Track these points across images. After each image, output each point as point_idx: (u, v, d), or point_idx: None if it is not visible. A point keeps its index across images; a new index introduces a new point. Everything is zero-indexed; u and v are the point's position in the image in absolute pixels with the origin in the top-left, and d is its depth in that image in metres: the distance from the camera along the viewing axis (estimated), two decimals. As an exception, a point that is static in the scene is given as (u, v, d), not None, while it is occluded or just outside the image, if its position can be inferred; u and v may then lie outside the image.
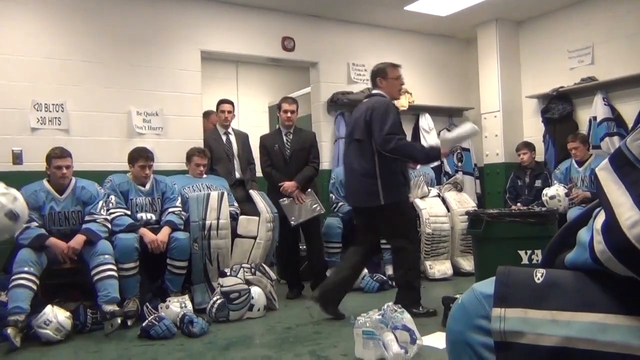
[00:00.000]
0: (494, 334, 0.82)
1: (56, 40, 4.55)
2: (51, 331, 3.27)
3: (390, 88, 3.78)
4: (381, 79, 3.78)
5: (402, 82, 3.90)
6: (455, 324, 0.91)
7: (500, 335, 0.81)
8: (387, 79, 3.78)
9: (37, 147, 4.15)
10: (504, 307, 0.83)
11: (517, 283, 0.85)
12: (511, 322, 0.81)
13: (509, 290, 0.84)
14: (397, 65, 3.88)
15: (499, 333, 0.82)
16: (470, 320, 0.87)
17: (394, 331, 2.73)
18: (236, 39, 5.42)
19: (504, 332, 0.81)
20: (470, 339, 0.87)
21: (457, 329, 0.90)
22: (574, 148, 5.07)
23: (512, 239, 3.17)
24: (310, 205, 4.52)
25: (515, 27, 6.37)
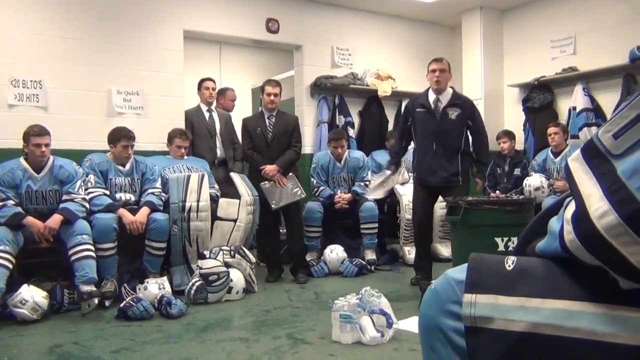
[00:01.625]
0: (464, 319, 0.84)
1: (36, 16, 4.44)
2: (27, 310, 3.25)
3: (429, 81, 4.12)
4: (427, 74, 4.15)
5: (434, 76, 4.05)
6: (427, 308, 0.93)
7: (471, 321, 0.83)
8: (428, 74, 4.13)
9: (14, 124, 4.07)
10: (475, 293, 0.84)
11: (488, 269, 0.87)
12: (481, 307, 0.83)
13: (480, 276, 0.86)
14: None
15: (469, 318, 0.83)
16: (442, 305, 0.89)
17: (371, 315, 2.77)
18: (220, 19, 5.35)
19: (474, 317, 0.83)
20: (441, 324, 0.88)
21: (430, 313, 0.91)
22: (554, 133, 5.12)
23: (490, 226, 3.20)
24: (291, 189, 4.52)
25: (499, 15, 6.39)
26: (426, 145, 4.02)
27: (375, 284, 3.60)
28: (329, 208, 4.93)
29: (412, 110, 4.13)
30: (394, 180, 5.29)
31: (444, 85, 4.03)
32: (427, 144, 4.00)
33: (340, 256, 4.73)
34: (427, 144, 4.00)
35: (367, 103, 6.15)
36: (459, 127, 4.00)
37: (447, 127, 3.96)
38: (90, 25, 4.66)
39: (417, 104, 4.10)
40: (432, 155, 3.98)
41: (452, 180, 3.98)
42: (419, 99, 4.13)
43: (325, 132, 5.67)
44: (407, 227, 5.08)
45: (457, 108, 3.99)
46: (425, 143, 4.03)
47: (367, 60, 6.15)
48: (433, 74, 4.00)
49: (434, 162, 3.98)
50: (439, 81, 3.99)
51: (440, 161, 3.96)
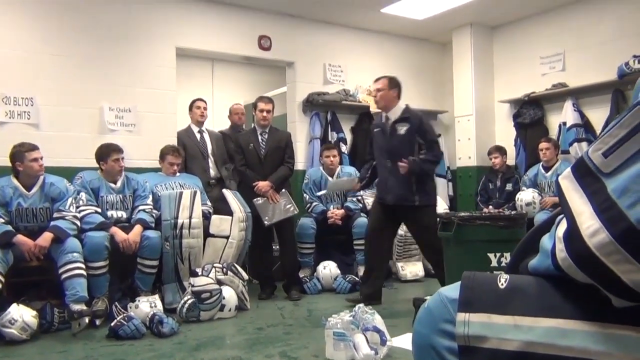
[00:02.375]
0: (458, 338, 0.83)
1: (27, 33, 4.45)
2: (16, 330, 3.20)
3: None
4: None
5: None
6: (421, 327, 0.92)
7: (464, 340, 0.83)
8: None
9: (4, 141, 4.04)
10: (468, 312, 0.84)
11: (481, 288, 0.87)
12: (475, 326, 0.82)
13: (473, 295, 0.86)
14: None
15: (463, 337, 0.83)
16: (436, 324, 0.88)
17: (365, 332, 2.75)
18: (212, 37, 5.38)
19: (468, 336, 0.82)
20: (435, 343, 0.88)
21: (423, 332, 0.91)
22: (545, 148, 5.16)
23: (482, 242, 3.21)
24: (284, 205, 4.51)
25: (489, 32, 6.47)
26: (381, 162, 4.05)
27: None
28: (322, 224, 4.92)
29: (372, 132, 4.23)
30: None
31: (384, 103, 4.01)
32: (381, 161, 4.03)
33: (334, 273, 4.71)
34: (381, 161, 4.03)
35: (359, 119, 6.18)
36: (409, 142, 3.91)
37: (396, 143, 3.93)
38: (83, 42, 4.66)
39: (375, 125, 4.24)
40: (387, 172, 3.97)
41: (407, 199, 3.90)
42: (376, 119, 4.21)
43: (318, 148, 5.68)
44: (400, 243, 5.08)
45: (405, 123, 3.93)
46: (380, 161, 4.06)
47: (359, 76, 6.19)
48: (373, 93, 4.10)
49: (389, 180, 3.95)
50: (377, 100, 4.05)
51: (394, 178, 3.90)
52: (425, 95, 6.75)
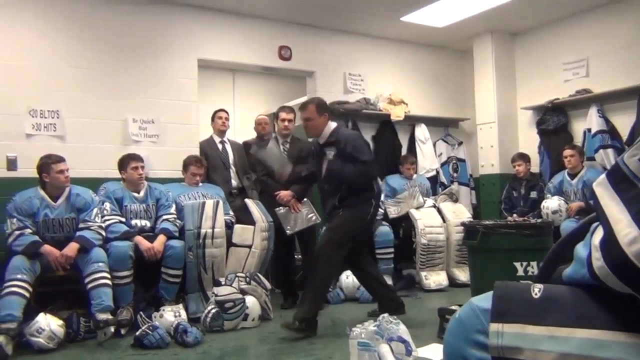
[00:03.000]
0: (491, 350, 0.82)
1: (53, 47, 4.54)
2: (44, 339, 3.24)
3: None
4: None
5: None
6: (452, 338, 0.91)
7: (498, 351, 0.81)
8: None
9: (31, 153, 4.12)
10: (501, 322, 0.83)
11: (514, 298, 0.85)
12: (509, 337, 0.81)
13: (506, 305, 0.84)
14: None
15: (496, 348, 0.81)
16: (468, 334, 0.87)
17: (390, 342, 2.72)
18: (233, 48, 5.43)
19: (502, 347, 0.81)
20: (467, 354, 0.86)
21: (455, 343, 0.89)
22: (570, 156, 5.10)
23: (508, 251, 3.17)
24: (306, 214, 4.51)
25: (510, 39, 6.42)
26: (320, 186, 3.99)
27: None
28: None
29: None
30: (409, 204, 5.28)
31: (315, 132, 3.81)
32: (320, 185, 3.98)
33: (356, 282, 4.67)
34: (320, 185, 3.98)
35: (380, 128, 6.17)
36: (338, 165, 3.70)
37: (327, 167, 3.76)
38: (107, 56, 4.74)
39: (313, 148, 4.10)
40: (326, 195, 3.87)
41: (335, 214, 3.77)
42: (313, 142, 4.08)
43: (339, 157, 5.67)
44: (424, 252, 5.04)
45: (332, 147, 3.74)
46: (319, 184, 4.02)
47: (379, 85, 6.19)
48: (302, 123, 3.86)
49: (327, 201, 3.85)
50: (307, 131, 3.86)
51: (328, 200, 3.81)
52: (445, 103, 6.73)
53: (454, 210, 5.50)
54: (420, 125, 6.36)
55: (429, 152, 6.30)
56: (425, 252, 5.06)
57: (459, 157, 6.58)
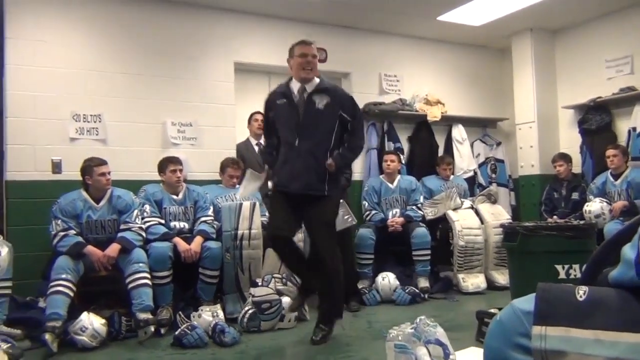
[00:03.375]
0: (534, 353, 0.80)
1: (95, 53, 4.67)
2: (87, 337, 3.33)
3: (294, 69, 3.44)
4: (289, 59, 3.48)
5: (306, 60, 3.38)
6: (493, 341, 0.89)
7: (542, 355, 0.79)
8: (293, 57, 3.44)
9: (75, 156, 4.25)
10: (545, 325, 0.80)
11: (558, 300, 0.83)
12: (553, 340, 0.79)
13: (550, 307, 0.82)
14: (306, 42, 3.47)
15: (539, 352, 0.79)
16: (510, 337, 0.85)
17: (427, 345, 2.69)
18: (269, 51, 5.47)
19: (546, 351, 0.79)
20: (509, 357, 0.85)
21: (496, 346, 0.88)
22: (613, 155, 4.95)
23: (549, 253, 3.09)
24: (342, 216, 4.48)
25: (550, 37, 6.27)
26: (287, 142, 3.33)
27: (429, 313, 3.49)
28: (381, 235, 4.88)
29: (271, 103, 3.48)
30: (446, 205, 5.22)
31: (315, 72, 3.43)
32: (289, 140, 3.32)
33: (393, 284, 4.65)
34: (289, 140, 3.32)
35: (416, 128, 6.12)
36: (329, 119, 3.31)
37: (311, 120, 3.30)
38: (146, 60, 4.85)
39: (277, 95, 3.45)
40: (295, 154, 3.28)
41: (317, 188, 3.29)
42: (279, 88, 3.49)
43: (375, 159, 5.66)
44: (461, 254, 4.97)
45: (325, 95, 3.33)
46: (287, 139, 3.34)
47: (415, 85, 6.14)
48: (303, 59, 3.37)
49: (296, 164, 3.26)
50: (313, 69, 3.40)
51: (302, 162, 3.26)
52: (483, 103, 6.62)
53: (493, 211, 5.40)
54: (457, 125, 6.28)
55: (466, 153, 6.21)
56: (463, 254, 4.99)
57: (497, 158, 6.47)
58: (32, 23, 4.44)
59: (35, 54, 4.42)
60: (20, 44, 4.38)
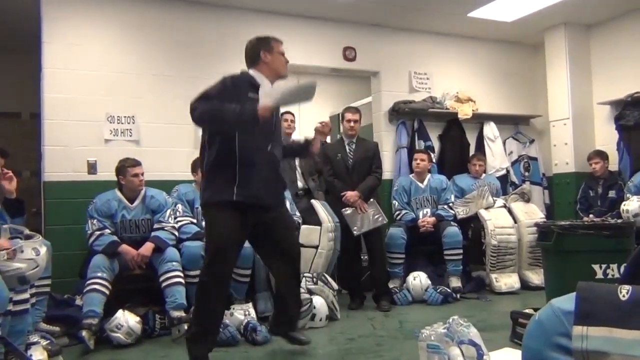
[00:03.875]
0: (575, 354, 0.78)
1: (129, 56, 4.76)
2: (122, 335, 3.40)
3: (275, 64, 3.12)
4: (266, 52, 3.09)
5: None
6: (532, 341, 0.87)
7: (583, 355, 0.77)
8: (273, 53, 3.11)
9: (110, 157, 4.34)
10: (586, 325, 0.78)
11: (600, 300, 0.81)
12: (595, 341, 0.77)
13: (591, 307, 0.80)
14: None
15: (581, 352, 0.78)
16: (549, 338, 0.83)
17: (460, 346, 2.66)
18: (298, 50, 5.46)
19: (587, 351, 0.77)
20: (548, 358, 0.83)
21: (535, 347, 0.86)
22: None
23: (586, 252, 3.02)
24: (372, 215, 4.49)
25: (585, 31, 6.12)
26: (257, 147, 2.88)
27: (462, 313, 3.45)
28: (412, 234, 4.84)
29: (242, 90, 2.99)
30: (478, 204, 5.15)
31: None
32: (259, 144, 2.90)
33: (424, 283, 4.62)
34: (259, 144, 2.90)
35: (446, 127, 6.05)
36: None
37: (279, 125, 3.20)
38: (179, 62, 4.92)
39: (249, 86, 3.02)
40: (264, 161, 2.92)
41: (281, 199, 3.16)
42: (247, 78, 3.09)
43: (405, 157, 5.62)
44: (494, 253, 4.90)
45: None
46: (256, 144, 2.88)
47: (445, 83, 6.08)
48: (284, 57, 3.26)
49: (263, 172, 2.89)
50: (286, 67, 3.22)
51: (270, 170, 2.96)
52: (516, 100, 6.51)
53: (526, 210, 5.30)
54: (489, 123, 6.19)
55: (498, 151, 6.11)
56: (496, 254, 4.92)
57: (530, 156, 6.35)
58: (68, 27, 4.55)
59: (71, 58, 4.53)
60: (56, 48, 4.50)
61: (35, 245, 2.65)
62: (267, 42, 3.13)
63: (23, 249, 2.58)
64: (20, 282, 2.55)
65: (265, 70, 3.07)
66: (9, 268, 2.49)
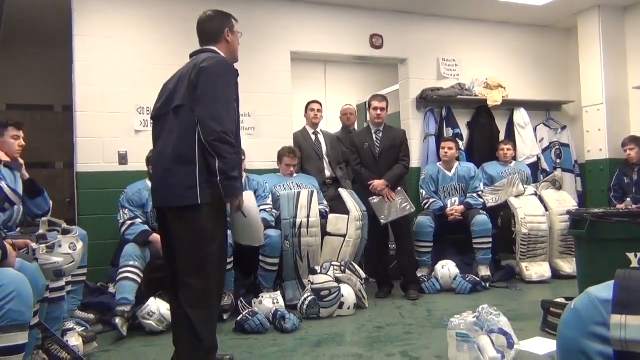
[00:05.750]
0: (613, 343, 0.76)
1: (158, 47, 4.80)
2: (154, 322, 3.46)
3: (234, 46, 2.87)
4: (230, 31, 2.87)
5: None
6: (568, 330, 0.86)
7: (621, 344, 0.76)
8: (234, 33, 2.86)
9: (140, 148, 4.40)
10: (625, 314, 0.77)
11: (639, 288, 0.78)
12: (634, 330, 0.75)
13: (630, 295, 0.78)
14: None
15: (619, 342, 0.76)
16: (586, 327, 0.82)
17: (490, 335, 2.64)
18: (325, 39, 5.46)
19: (626, 341, 0.75)
20: (585, 347, 0.81)
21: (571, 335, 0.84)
22: None
23: (620, 241, 2.95)
24: (400, 203, 4.46)
25: (620, 13, 5.94)
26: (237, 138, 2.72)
27: (491, 302, 3.43)
28: (440, 222, 4.81)
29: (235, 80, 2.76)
30: (508, 192, 5.08)
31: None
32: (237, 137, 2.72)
33: (453, 272, 4.58)
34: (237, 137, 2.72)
35: (475, 114, 5.96)
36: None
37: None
38: (206, 53, 4.93)
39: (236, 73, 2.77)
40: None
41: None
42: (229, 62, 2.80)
43: (433, 146, 5.56)
44: (524, 242, 4.83)
45: None
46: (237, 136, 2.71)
47: (474, 69, 5.98)
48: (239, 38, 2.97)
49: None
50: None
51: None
52: (547, 86, 6.38)
53: (558, 198, 5.20)
54: (519, 109, 6.07)
55: (529, 138, 6.00)
56: (526, 242, 4.84)
57: (562, 142, 6.22)
58: (98, 20, 4.61)
59: (102, 50, 4.60)
60: (87, 41, 4.56)
61: (72, 240, 2.71)
62: (229, 20, 2.86)
63: (61, 244, 2.64)
64: (56, 276, 2.62)
65: (225, 50, 2.79)
66: (47, 262, 2.55)
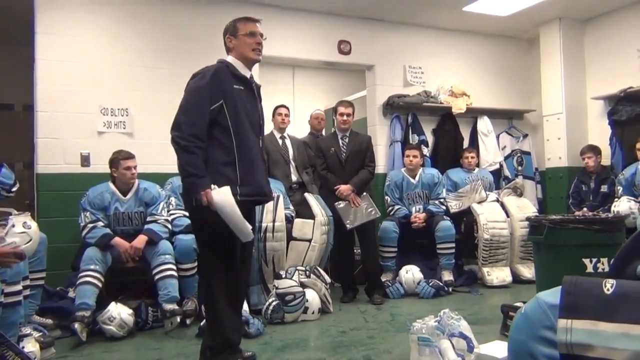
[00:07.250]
0: (559, 346, 0.79)
1: (123, 48, 4.73)
2: (115, 327, 3.40)
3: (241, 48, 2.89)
4: (231, 37, 2.92)
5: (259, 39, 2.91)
6: (518, 333, 0.88)
7: (567, 348, 0.78)
8: (237, 37, 2.89)
9: (103, 150, 4.32)
10: (571, 318, 0.80)
11: (585, 293, 0.82)
12: (579, 334, 0.78)
13: (576, 300, 0.81)
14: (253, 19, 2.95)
15: (565, 345, 0.79)
16: (535, 330, 0.84)
17: (451, 338, 2.68)
18: (293, 44, 5.47)
19: (571, 344, 0.78)
20: (534, 350, 0.84)
21: (520, 339, 0.87)
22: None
23: (576, 246, 3.04)
24: (365, 208, 4.50)
25: (580, 26, 6.13)
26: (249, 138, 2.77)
27: (453, 306, 3.49)
28: (404, 227, 4.86)
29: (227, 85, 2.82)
30: (471, 198, 5.17)
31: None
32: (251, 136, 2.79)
33: (416, 277, 4.64)
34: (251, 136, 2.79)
35: (440, 121, 6.06)
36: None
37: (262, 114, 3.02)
38: (172, 55, 4.89)
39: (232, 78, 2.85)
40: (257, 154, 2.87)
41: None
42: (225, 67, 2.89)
43: (399, 151, 5.62)
44: (486, 247, 4.93)
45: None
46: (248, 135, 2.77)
47: (440, 77, 6.08)
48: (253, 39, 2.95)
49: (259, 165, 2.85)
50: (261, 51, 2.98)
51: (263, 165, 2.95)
52: (510, 95, 6.53)
53: (519, 204, 5.33)
54: (482, 117, 6.20)
55: (492, 145, 6.13)
56: (488, 248, 4.94)
57: (523, 150, 6.37)
58: (62, 18, 4.51)
59: (65, 49, 4.50)
60: (49, 39, 4.46)
61: (25, 219, 2.63)
62: (231, 26, 2.90)
63: (14, 224, 2.57)
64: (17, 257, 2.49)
65: (235, 56, 2.87)
66: (4, 244, 2.46)
